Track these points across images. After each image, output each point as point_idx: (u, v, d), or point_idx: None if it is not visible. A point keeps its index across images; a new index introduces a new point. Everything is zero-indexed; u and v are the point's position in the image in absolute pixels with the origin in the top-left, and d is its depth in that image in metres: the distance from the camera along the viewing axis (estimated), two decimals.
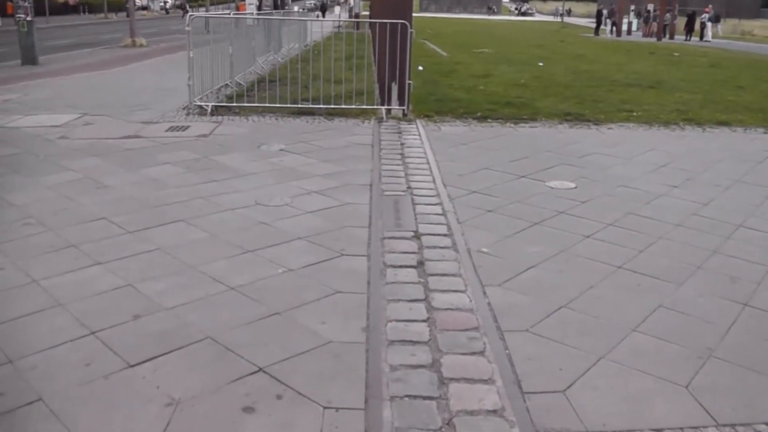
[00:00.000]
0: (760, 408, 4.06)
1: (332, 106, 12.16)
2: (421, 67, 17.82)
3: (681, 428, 3.82)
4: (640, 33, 53.59)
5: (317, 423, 3.71)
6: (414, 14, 12.63)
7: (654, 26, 50.00)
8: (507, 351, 4.53)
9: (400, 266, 5.79)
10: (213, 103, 12.34)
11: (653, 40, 46.88)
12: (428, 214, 7.11)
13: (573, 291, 5.47)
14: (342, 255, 6.00)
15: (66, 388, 3.96)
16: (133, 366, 4.19)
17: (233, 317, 4.85)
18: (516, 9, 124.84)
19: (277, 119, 11.77)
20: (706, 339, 4.82)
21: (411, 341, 4.59)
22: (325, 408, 3.84)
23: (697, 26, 48.86)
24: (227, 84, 13.95)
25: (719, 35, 48.15)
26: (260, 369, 4.21)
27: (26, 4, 19.90)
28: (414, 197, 7.63)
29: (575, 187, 8.30)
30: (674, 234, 6.87)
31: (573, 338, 4.73)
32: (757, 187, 8.72)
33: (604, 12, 56.41)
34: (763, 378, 4.38)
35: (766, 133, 12.45)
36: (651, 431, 3.77)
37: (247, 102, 12.56)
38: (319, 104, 12.19)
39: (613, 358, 4.50)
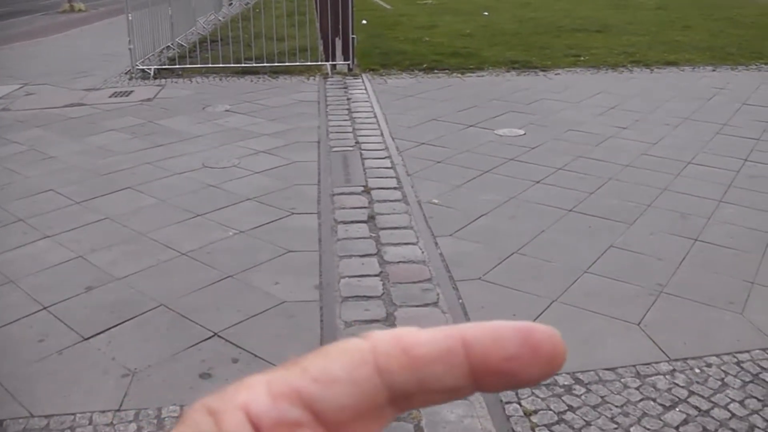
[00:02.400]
0: (710, 340, 4.13)
1: (276, 64, 12.01)
2: (364, 21, 17.65)
3: (634, 365, 3.87)
4: None
5: None
6: None
7: None
8: (460, 300, 4.55)
9: (351, 222, 5.76)
10: (155, 66, 12.12)
11: None
12: (377, 168, 7.08)
13: (524, 237, 5.49)
14: (292, 214, 5.96)
15: (21, 367, 3.90)
16: (87, 339, 4.14)
17: (186, 283, 4.81)
18: None
19: (221, 80, 11.60)
20: (657, 276, 4.88)
21: (365, 296, 4.59)
22: None
23: None
24: (169, 46, 13.69)
25: None
26: (215, 334, 4.19)
27: None
28: (362, 152, 7.59)
29: (524, 134, 8.31)
30: (624, 174, 6.91)
31: (526, 283, 4.76)
32: (706, 124, 8.79)
33: None
34: (713, 310, 4.45)
35: (714, 71, 12.52)
36: (604, 370, 3.82)
37: (190, 63, 12.34)
38: (263, 63, 12.03)
39: (565, 301, 4.54)
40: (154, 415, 3.48)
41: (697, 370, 3.84)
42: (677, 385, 3.72)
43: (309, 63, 12.13)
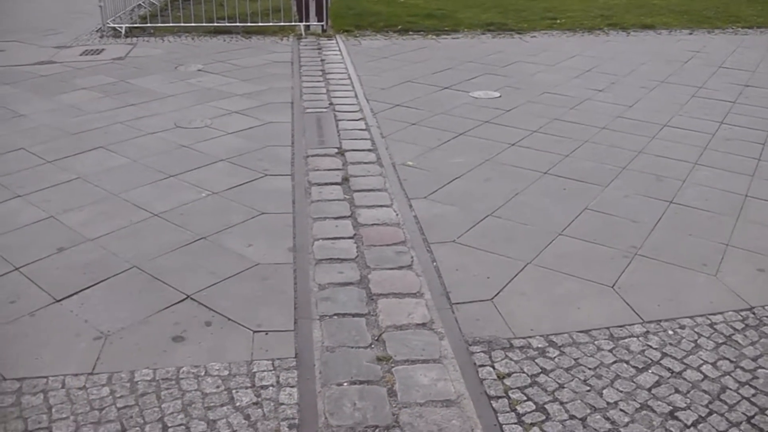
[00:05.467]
0: (684, 302, 4.14)
1: (249, 24, 11.88)
2: None
3: (607, 327, 3.88)
4: None
5: (247, 347, 3.68)
6: None
7: None
8: (435, 263, 4.53)
9: (325, 184, 5.72)
10: (127, 25, 11.94)
11: None
12: (351, 129, 7.02)
13: (499, 199, 5.48)
14: (266, 175, 5.90)
15: None
16: (59, 300, 4.08)
17: (159, 244, 4.76)
18: None
19: (193, 39, 11.45)
20: (631, 238, 4.89)
21: (338, 259, 4.57)
22: (254, 332, 3.81)
23: None
24: (140, 4, 13.52)
25: None
26: (188, 296, 4.15)
27: None
28: (336, 113, 7.53)
29: (499, 96, 8.27)
30: (600, 137, 6.91)
31: (500, 246, 4.75)
32: (682, 87, 8.80)
33: None
34: (687, 272, 4.46)
35: (690, 34, 12.54)
36: (578, 332, 3.82)
37: (162, 22, 12.17)
38: (236, 22, 11.90)
39: (540, 263, 4.54)
40: (127, 378, 3.44)
41: (671, 332, 3.86)
42: (650, 347, 3.73)
43: (282, 23, 12.01)
